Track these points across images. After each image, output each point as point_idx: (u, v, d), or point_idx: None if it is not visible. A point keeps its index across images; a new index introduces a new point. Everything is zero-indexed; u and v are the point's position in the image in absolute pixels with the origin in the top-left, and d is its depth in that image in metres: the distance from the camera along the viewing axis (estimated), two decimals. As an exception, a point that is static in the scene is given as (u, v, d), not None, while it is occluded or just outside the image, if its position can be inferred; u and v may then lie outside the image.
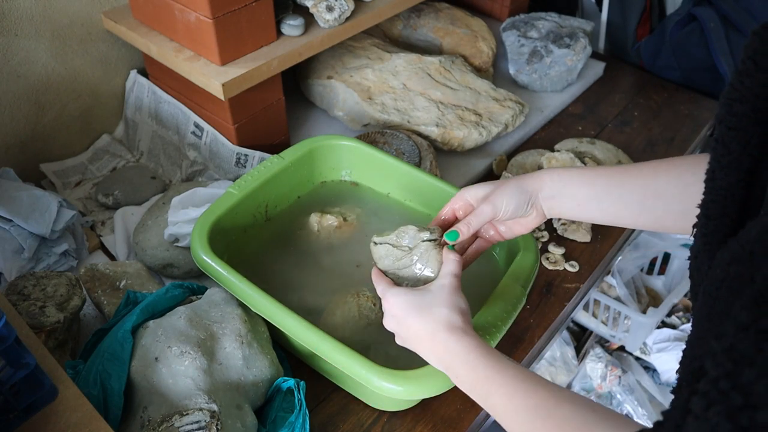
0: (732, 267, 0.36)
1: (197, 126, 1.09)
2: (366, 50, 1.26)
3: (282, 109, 1.10)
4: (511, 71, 1.35)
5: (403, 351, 0.66)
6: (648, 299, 1.61)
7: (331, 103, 1.22)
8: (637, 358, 1.62)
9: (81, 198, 1.08)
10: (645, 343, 1.58)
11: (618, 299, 1.50)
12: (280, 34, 1.02)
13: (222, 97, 0.94)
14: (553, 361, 1.55)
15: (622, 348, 1.61)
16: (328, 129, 1.22)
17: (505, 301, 0.75)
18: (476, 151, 1.18)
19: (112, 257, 0.99)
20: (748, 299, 0.32)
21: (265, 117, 1.08)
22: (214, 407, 0.66)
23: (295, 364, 0.83)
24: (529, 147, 1.23)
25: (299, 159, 0.95)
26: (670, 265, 1.64)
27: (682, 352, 0.44)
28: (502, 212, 0.68)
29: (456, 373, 0.59)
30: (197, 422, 0.64)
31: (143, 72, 1.15)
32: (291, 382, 0.73)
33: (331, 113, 1.22)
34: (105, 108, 1.16)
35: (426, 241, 0.68)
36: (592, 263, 1.01)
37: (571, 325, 1.65)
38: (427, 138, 1.14)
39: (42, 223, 0.89)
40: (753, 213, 0.41)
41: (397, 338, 0.66)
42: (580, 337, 1.65)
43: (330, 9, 1.03)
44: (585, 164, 1.13)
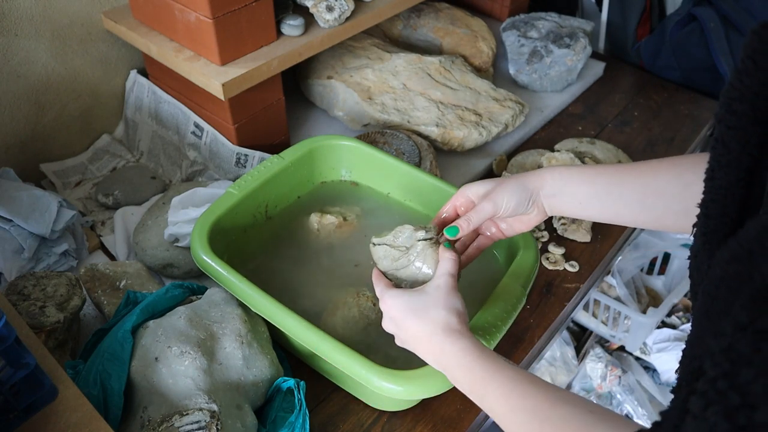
0: (731, 266, 0.36)
1: (197, 126, 1.09)
2: (366, 50, 1.26)
3: (282, 109, 1.10)
4: (511, 71, 1.35)
5: (403, 351, 0.66)
6: (648, 299, 1.61)
7: (331, 103, 1.22)
8: (637, 358, 1.61)
9: (81, 198, 1.08)
10: (645, 343, 1.58)
11: (618, 299, 1.50)
12: (280, 34, 1.02)
13: (222, 97, 0.94)
14: (553, 361, 1.55)
15: (622, 348, 1.61)
16: (328, 129, 1.22)
17: (505, 301, 0.75)
18: (476, 151, 1.18)
19: (112, 257, 0.99)
20: (746, 298, 0.32)
21: (265, 117, 1.08)
22: (214, 407, 0.66)
23: (295, 364, 0.83)
24: (529, 147, 1.23)
25: (299, 159, 0.95)
26: (670, 265, 1.64)
27: (682, 351, 0.44)
28: (503, 209, 0.68)
29: (453, 375, 0.59)
30: (197, 422, 0.64)
31: (143, 72, 1.15)
32: (291, 382, 0.73)
33: (331, 113, 1.22)
34: (105, 108, 1.16)
35: (422, 240, 0.68)
36: (592, 263, 1.01)
37: (571, 325, 1.65)
38: (427, 138, 1.14)
39: (42, 223, 0.89)
40: (753, 212, 0.41)
41: (396, 339, 0.66)
42: (580, 337, 1.65)
43: (330, 9, 1.03)
44: (585, 164, 1.13)
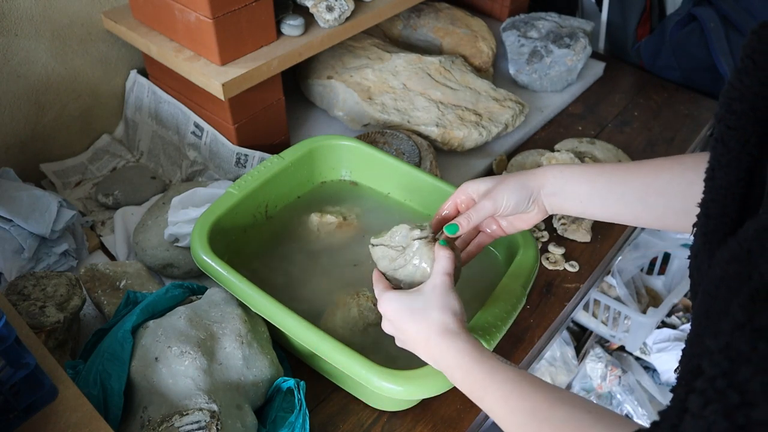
0: (730, 265, 0.36)
1: (197, 126, 1.09)
2: (366, 50, 1.26)
3: (282, 109, 1.10)
4: (511, 71, 1.35)
5: (403, 351, 0.66)
6: (648, 299, 1.61)
7: (331, 103, 1.22)
8: (637, 358, 1.61)
9: (81, 198, 1.08)
10: (645, 343, 1.58)
11: (618, 299, 1.50)
12: (280, 34, 1.02)
13: (222, 97, 0.94)
14: (553, 361, 1.55)
15: (622, 348, 1.61)
16: (328, 129, 1.22)
17: (505, 301, 0.75)
18: (476, 151, 1.18)
19: (112, 257, 0.99)
20: (745, 298, 0.32)
21: (265, 117, 1.08)
22: (214, 407, 0.66)
23: (295, 364, 0.83)
24: (529, 147, 1.23)
25: (299, 159, 0.95)
26: (670, 265, 1.64)
27: (682, 351, 0.44)
28: (503, 208, 0.68)
29: (452, 376, 0.60)
30: (197, 422, 0.64)
31: (143, 72, 1.15)
32: (291, 382, 0.73)
33: (331, 113, 1.22)
34: (105, 108, 1.16)
35: (417, 239, 0.68)
36: (592, 263, 1.01)
37: (571, 325, 1.65)
38: (427, 138, 1.14)
39: (42, 223, 0.89)
40: (753, 211, 0.41)
41: (396, 341, 0.66)
42: (580, 337, 1.65)
43: (330, 9, 1.03)
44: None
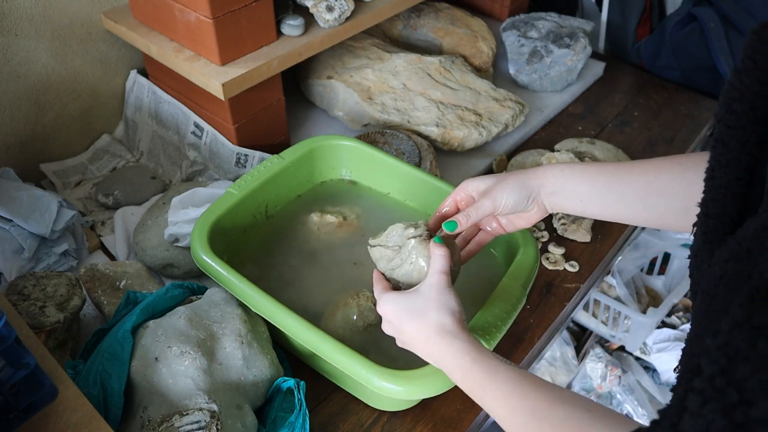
0: (730, 265, 0.36)
1: (197, 126, 1.09)
2: (366, 50, 1.26)
3: (282, 109, 1.10)
4: (511, 71, 1.35)
5: (403, 351, 0.66)
6: (648, 299, 1.61)
7: (331, 103, 1.22)
8: (637, 358, 1.61)
9: (81, 198, 1.08)
10: (645, 343, 1.58)
11: (618, 299, 1.50)
12: (280, 34, 1.02)
13: (222, 97, 0.94)
14: (553, 361, 1.55)
15: (622, 348, 1.61)
16: (328, 129, 1.22)
17: (505, 301, 0.75)
18: (476, 151, 1.18)
19: (112, 257, 0.99)
20: (745, 297, 0.32)
21: (265, 117, 1.08)
22: (214, 407, 0.66)
23: (295, 364, 0.83)
24: (529, 147, 1.23)
25: (299, 159, 0.95)
26: (670, 265, 1.64)
27: (682, 351, 0.44)
28: (502, 207, 0.69)
29: (453, 376, 0.60)
30: (197, 422, 0.64)
31: (143, 72, 1.15)
32: (291, 382, 0.73)
33: (331, 113, 1.22)
34: (105, 108, 1.16)
35: (412, 237, 0.68)
36: (592, 263, 1.01)
37: (571, 325, 1.65)
38: (427, 138, 1.14)
39: (42, 223, 0.89)
40: (752, 211, 0.41)
41: (397, 341, 0.66)
42: (580, 337, 1.65)
43: (330, 9, 1.03)
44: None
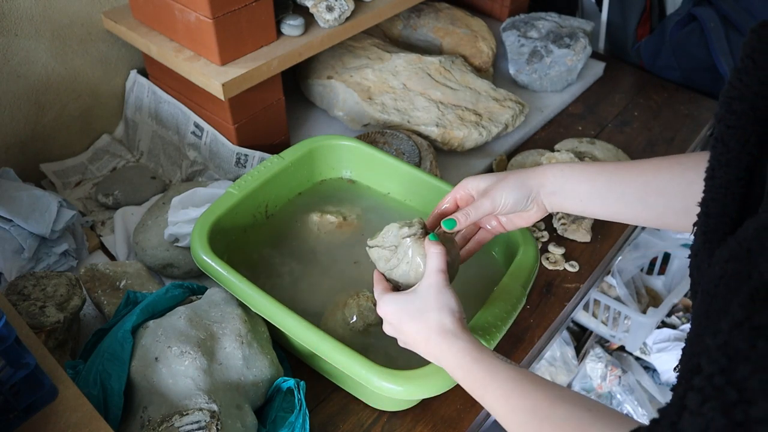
0: (730, 264, 0.36)
1: (197, 126, 1.09)
2: (366, 50, 1.26)
3: (282, 109, 1.10)
4: (511, 71, 1.35)
5: (403, 351, 0.66)
6: (648, 299, 1.61)
7: (331, 103, 1.22)
8: (637, 358, 1.61)
9: (81, 198, 1.08)
10: (645, 343, 1.58)
11: (618, 299, 1.50)
12: (280, 34, 1.02)
13: (222, 97, 0.94)
14: (553, 361, 1.55)
15: (622, 348, 1.61)
16: (328, 129, 1.22)
17: (505, 301, 0.74)
18: (476, 151, 1.18)
19: (112, 257, 0.99)
20: (744, 296, 0.32)
21: (265, 117, 1.08)
22: (214, 407, 0.66)
23: (295, 364, 0.83)
24: (529, 147, 1.23)
25: (299, 159, 0.95)
26: (670, 265, 1.64)
27: (682, 350, 0.44)
28: (501, 206, 0.69)
29: (454, 375, 0.60)
30: (197, 422, 0.64)
31: (143, 72, 1.15)
32: (291, 382, 0.73)
33: (331, 113, 1.22)
34: (105, 108, 1.16)
35: (407, 237, 0.68)
36: (592, 263, 1.01)
37: (571, 325, 1.65)
38: (427, 138, 1.14)
39: (42, 223, 0.89)
40: (752, 211, 0.41)
41: (398, 341, 0.66)
42: (580, 337, 1.65)
43: (330, 9, 1.03)
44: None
